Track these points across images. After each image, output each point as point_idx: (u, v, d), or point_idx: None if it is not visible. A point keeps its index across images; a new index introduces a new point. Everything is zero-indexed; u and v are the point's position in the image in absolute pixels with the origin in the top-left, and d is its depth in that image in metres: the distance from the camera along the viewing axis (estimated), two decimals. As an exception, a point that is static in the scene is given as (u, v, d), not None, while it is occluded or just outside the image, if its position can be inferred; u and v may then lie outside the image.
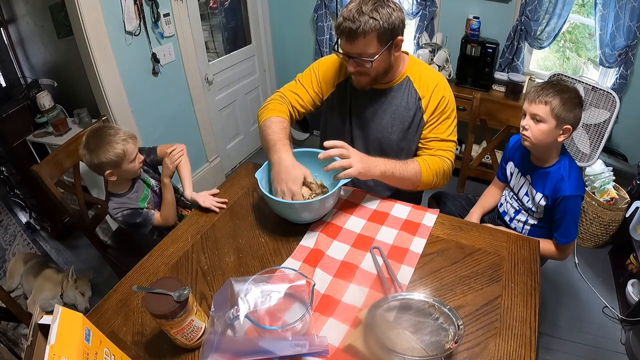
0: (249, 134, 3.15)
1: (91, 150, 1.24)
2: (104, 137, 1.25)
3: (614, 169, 2.20)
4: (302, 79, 1.35)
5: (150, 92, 2.20)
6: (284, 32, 3.08)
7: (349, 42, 1.08)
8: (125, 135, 1.28)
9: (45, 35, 2.20)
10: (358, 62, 1.12)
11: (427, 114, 1.25)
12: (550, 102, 1.15)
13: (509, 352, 0.79)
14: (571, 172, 1.22)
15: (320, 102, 1.35)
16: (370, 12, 1.04)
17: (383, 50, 1.10)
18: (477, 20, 2.39)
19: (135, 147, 1.31)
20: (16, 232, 2.22)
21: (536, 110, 1.17)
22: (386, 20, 1.05)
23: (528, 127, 1.20)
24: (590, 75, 2.48)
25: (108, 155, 1.24)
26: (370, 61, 1.10)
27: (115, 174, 1.29)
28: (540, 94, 1.16)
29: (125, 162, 1.28)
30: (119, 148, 1.25)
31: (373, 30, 1.05)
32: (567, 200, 1.20)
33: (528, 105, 1.20)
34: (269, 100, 1.33)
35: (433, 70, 1.28)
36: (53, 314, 0.58)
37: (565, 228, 1.24)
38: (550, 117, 1.15)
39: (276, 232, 1.12)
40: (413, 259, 1.01)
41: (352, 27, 1.04)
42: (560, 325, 1.81)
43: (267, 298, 0.84)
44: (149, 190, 1.44)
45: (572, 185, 1.20)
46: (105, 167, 1.26)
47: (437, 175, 1.22)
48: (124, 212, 1.33)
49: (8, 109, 2.05)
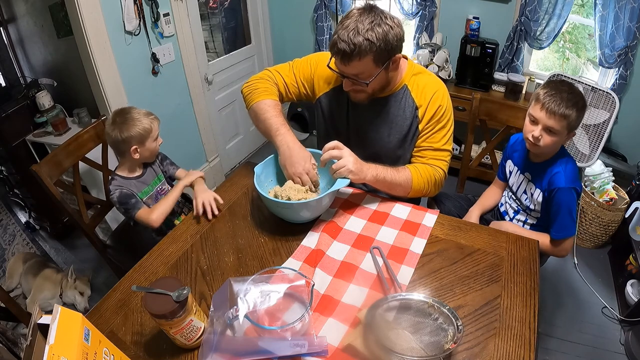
0: (248, 134, 3.15)
1: (119, 125, 1.32)
2: (132, 114, 1.35)
3: (613, 170, 2.20)
4: (296, 68, 1.31)
5: (149, 91, 2.20)
6: (284, 32, 3.08)
7: (343, 64, 1.05)
8: (150, 114, 1.39)
9: (45, 35, 2.20)
10: (353, 82, 1.11)
11: (422, 123, 1.22)
12: (569, 115, 1.12)
13: (509, 353, 0.79)
14: (567, 166, 1.23)
15: (307, 97, 1.34)
16: (366, 32, 1.00)
17: (380, 71, 1.08)
18: (477, 21, 2.39)
19: (158, 127, 1.41)
20: (15, 231, 2.22)
21: (553, 124, 1.14)
22: (382, 40, 1.01)
23: (541, 137, 1.18)
24: (590, 76, 2.48)
25: (136, 129, 1.32)
26: (365, 83, 1.09)
27: (139, 151, 1.36)
28: (560, 107, 1.12)
29: (150, 140, 1.37)
30: (147, 123, 1.35)
31: (369, 52, 1.02)
32: (561, 192, 1.20)
33: (543, 116, 1.15)
34: (257, 78, 1.29)
35: (431, 77, 1.25)
36: (52, 314, 0.58)
37: (560, 221, 1.23)
38: (564, 130, 1.15)
39: (275, 232, 1.12)
40: (413, 259, 1.01)
41: (346, 50, 1.01)
42: (559, 326, 1.82)
43: (266, 298, 0.84)
44: (154, 187, 1.48)
45: (567, 178, 1.20)
46: (132, 142, 1.33)
47: (428, 183, 1.21)
48: (122, 190, 1.37)
49: (8, 109, 2.05)
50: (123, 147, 1.35)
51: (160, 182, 1.52)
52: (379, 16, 1.03)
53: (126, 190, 1.37)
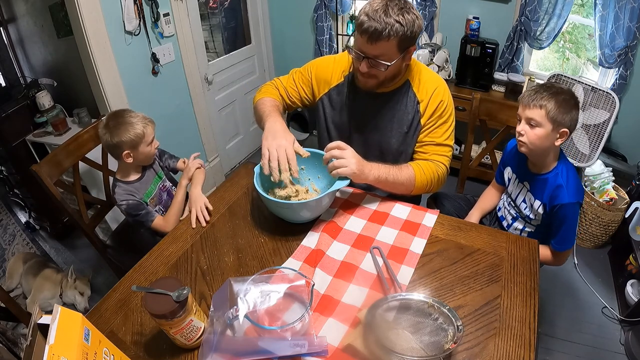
0: (248, 134, 3.15)
1: (111, 129, 1.29)
2: (125, 117, 1.32)
3: (613, 170, 2.20)
4: (295, 75, 1.37)
5: (149, 91, 2.20)
6: (283, 32, 3.08)
7: (369, 43, 1.04)
8: (145, 118, 1.35)
9: (45, 35, 2.20)
10: (373, 63, 1.09)
11: (424, 117, 1.24)
12: (545, 105, 1.12)
13: (509, 353, 0.79)
14: (569, 179, 1.20)
15: (309, 102, 1.37)
16: (397, 15, 1.01)
17: (399, 57, 1.09)
18: (477, 21, 2.39)
19: (153, 132, 1.37)
20: (15, 231, 2.22)
21: (531, 114, 1.14)
22: (410, 27, 1.03)
23: (524, 132, 1.18)
24: (590, 76, 2.48)
25: (128, 134, 1.29)
26: (386, 65, 1.08)
27: (132, 155, 1.33)
28: (534, 98, 1.14)
29: (143, 144, 1.34)
30: (139, 128, 1.31)
31: (397, 35, 1.02)
32: (565, 207, 1.18)
33: (522, 110, 1.18)
34: (263, 85, 1.40)
35: (433, 74, 1.27)
36: (52, 314, 0.58)
37: (562, 235, 1.22)
38: (546, 121, 1.13)
39: (275, 232, 1.12)
40: (413, 260, 1.01)
41: (377, 28, 1.01)
42: (559, 326, 1.82)
43: (266, 298, 0.84)
44: (156, 185, 1.48)
45: (570, 193, 1.18)
46: (124, 147, 1.31)
47: (431, 180, 1.22)
48: (129, 201, 1.36)
49: (8, 109, 2.05)
50: (115, 151, 1.33)
51: (161, 180, 1.52)
52: (407, 4, 1.05)
53: (133, 201, 1.36)
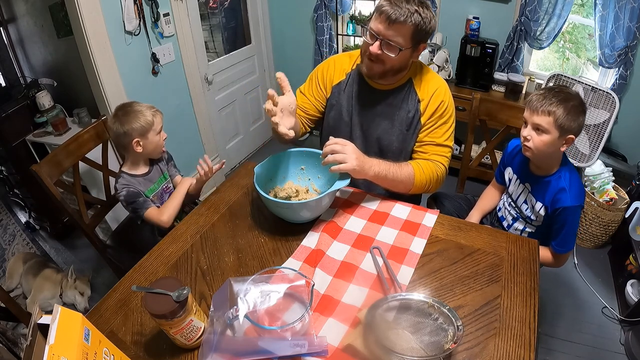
0: (248, 134, 3.15)
1: (120, 118, 1.32)
2: (134, 107, 1.35)
3: (613, 170, 2.20)
4: (303, 89, 1.38)
5: (149, 91, 2.20)
6: (283, 32, 3.08)
7: (387, 23, 1.07)
8: (152, 108, 1.38)
9: (45, 35, 2.20)
10: (385, 45, 1.10)
11: (424, 117, 1.24)
12: (554, 112, 1.10)
13: (509, 353, 0.79)
14: (572, 182, 1.19)
15: (322, 106, 1.37)
16: (417, 6, 1.05)
17: (409, 48, 1.11)
18: (477, 21, 2.39)
19: (161, 122, 1.40)
20: (15, 231, 2.22)
21: (539, 120, 1.12)
22: (427, 22, 1.08)
23: (530, 137, 1.16)
24: (590, 76, 2.48)
25: (138, 121, 1.32)
26: (398, 49, 1.09)
27: (142, 144, 1.35)
28: (543, 104, 1.11)
29: (152, 133, 1.36)
30: (149, 116, 1.35)
31: (414, 23, 1.06)
32: (567, 210, 1.18)
33: (530, 115, 1.15)
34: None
35: (434, 74, 1.28)
36: (52, 314, 0.58)
37: (563, 237, 1.22)
38: (553, 128, 1.11)
39: (275, 232, 1.12)
40: (413, 259, 1.01)
41: (397, 10, 1.04)
42: (559, 326, 1.82)
43: (266, 298, 0.84)
44: (160, 185, 1.49)
45: (572, 196, 1.17)
46: (133, 134, 1.33)
47: (430, 180, 1.23)
48: (129, 189, 1.37)
49: (8, 109, 2.05)
50: (125, 140, 1.34)
51: (166, 181, 1.53)
52: (426, 2, 1.10)
53: (133, 189, 1.37)
